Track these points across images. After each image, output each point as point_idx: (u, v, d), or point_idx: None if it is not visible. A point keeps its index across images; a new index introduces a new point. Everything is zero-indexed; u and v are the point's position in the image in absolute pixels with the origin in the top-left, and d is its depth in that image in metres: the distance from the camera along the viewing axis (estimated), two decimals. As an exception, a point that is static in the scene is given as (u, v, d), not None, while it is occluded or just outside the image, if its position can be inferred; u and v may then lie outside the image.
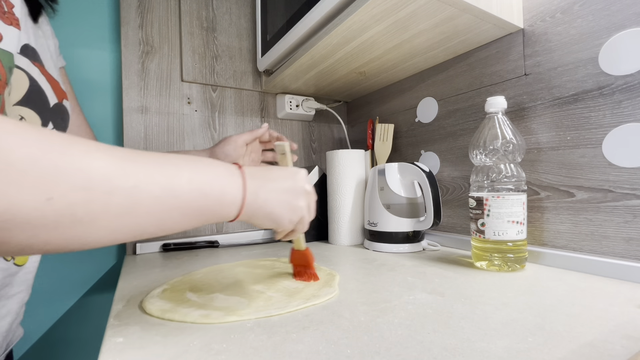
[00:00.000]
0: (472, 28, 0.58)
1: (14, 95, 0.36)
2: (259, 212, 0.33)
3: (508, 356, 0.26)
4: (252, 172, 0.33)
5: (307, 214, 0.38)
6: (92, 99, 0.79)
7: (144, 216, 0.24)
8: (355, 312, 0.36)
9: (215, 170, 0.30)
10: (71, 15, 0.77)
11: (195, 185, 0.27)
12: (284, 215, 0.35)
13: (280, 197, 0.34)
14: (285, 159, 0.46)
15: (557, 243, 0.54)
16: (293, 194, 0.36)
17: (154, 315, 0.36)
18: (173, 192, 0.26)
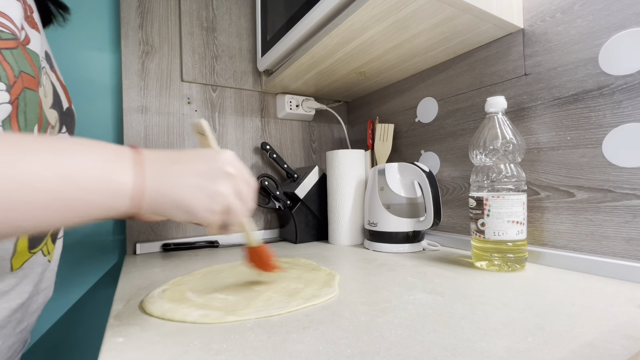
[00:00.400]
0: (472, 28, 0.58)
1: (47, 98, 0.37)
2: (164, 201, 0.28)
3: (508, 356, 0.26)
4: (153, 155, 0.28)
5: (236, 201, 0.32)
6: (92, 99, 0.79)
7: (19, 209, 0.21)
8: (355, 312, 0.36)
9: (97, 154, 0.25)
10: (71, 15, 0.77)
11: (62, 172, 0.23)
12: (199, 204, 0.29)
13: (191, 182, 0.29)
14: (206, 140, 0.38)
15: (557, 243, 0.54)
16: (210, 177, 0.30)
17: (154, 315, 0.36)
18: (26, 180, 0.22)
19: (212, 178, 0.30)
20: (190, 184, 0.29)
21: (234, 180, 0.32)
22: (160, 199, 0.27)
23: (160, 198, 0.27)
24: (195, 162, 0.30)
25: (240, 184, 0.32)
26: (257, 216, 0.91)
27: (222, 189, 0.30)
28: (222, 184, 0.30)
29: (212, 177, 0.30)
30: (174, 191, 0.28)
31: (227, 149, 0.34)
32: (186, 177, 0.29)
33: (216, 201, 0.30)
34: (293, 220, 0.80)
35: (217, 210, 0.31)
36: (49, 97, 0.37)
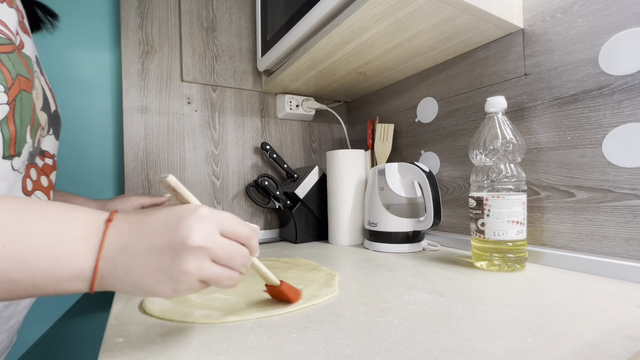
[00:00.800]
0: (472, 28, 0.58)
1: (39, 101, 0.38)
2: (120, 285, 0.24)
3: (508, 356, 0.26)
4: (123, 224, 0.25)
5: (213, 272, 0.26)
6: (92, 99, 0.79)
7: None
8: (355, 312, 0.36)
9: (62, 227, 0.23)
10: (71, 15, 0.77)
11: (13, 250, 0.21)
12: (161, 287, 0.24)
13: (150, 263, 0.24)
14: (179, 195, 0.30)
15: (557, 243, 0.54)
16: (170, 255, 0.24)
17: (154, 315, 0.36)
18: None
19: (173, 257, 0.24)
20: (148, 265, 0.24)
21: (205, 252, 0.25)
22: (118, 283, 0.24)
23: (117, 283, 0.24)
24: (156, 235, 0.24)
25: (216, 250, 0.26)
26: (257, 216, 0.91)
27: (186, 267, 0.24)
28: (186, 263, 0.24)
29: (173, 255, 0.24)
30: (130, 275, 0.24)
31: (200, 207, 0.26)
32: (145, 257, 0.24)
33: (182, 281, 0.24)
34: (293, 220, 0.80)
35: (185, 289, 0.25)
36: (39, 100, 0.38)
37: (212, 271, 0.25)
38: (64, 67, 0.76)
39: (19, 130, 0.34)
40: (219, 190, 0.86)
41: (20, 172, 0.36)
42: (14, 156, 0.34)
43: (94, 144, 0.79)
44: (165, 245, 0.24)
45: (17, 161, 0.35)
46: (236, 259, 0.27)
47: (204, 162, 0.85)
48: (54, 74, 0.75)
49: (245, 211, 0.89)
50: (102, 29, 0.81)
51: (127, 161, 0.76)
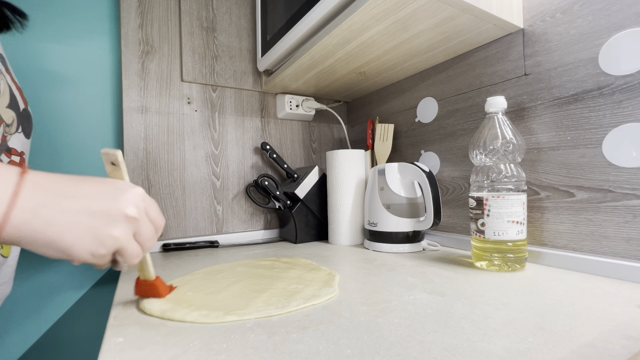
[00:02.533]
0: (472, 28, 0.58)
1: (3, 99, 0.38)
2: (35, 237, 0.24)
3: (508, 356, 0.26)
4: (42, 181, 0.25)
5: (131, 244, 0.28)
6: (92, 99, 0.79)
7: None
8: (355, 312, 0.36)
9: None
10: (71, 15, 0.77)
11: None
12: (81, 246, 0.26)
13: (79, 221, 0.25)
14: (118, 172, 0.32)
15: (557, 243, 0.54)
16: (105, 219, 0.26)
17: (154, 315, 0.36)
18: None
19: (107, 220, 0.26)
20: (77, 222, 0.25)
21: (135, 224, 0.28)
22: (30, 234, 0.24)
23: (30, 233, 0.24)
24: (90, 199, 0.26)
25: (142, 226, 0.29)
26: (257, 216, 0.91)
27: (116, 233, 0.27)
28: (117, 228, 0.27)
29: (109, 219, 0.26)
30: (51, 228, 0.24)
31: (136, 186, 0.29)
32: (75, 214, 0.25)
33: (105, 245, 0.26)
34: (293, 220, 0.80)
35: (103, 254, 0.27)
36: (5, 97, 0.38)
37: (130, 243, 0.28)
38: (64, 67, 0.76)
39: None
40: (219, 190, 0.86)
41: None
42: None
43: (93, 144, 0.79)
44: (104, 209, 0.26)
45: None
46: (150, 241, 0.30)
47: (204, 162, 0.85)
48: (53, 74, 0.75)
49: (245, 211, 0.89)
50: (102, 28, 0.81)
51: (127, 161, 0.76)
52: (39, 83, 0.73)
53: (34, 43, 0.73)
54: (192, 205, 0.83)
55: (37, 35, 0.73)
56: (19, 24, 0.48)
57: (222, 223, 0.86)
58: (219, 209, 0.86)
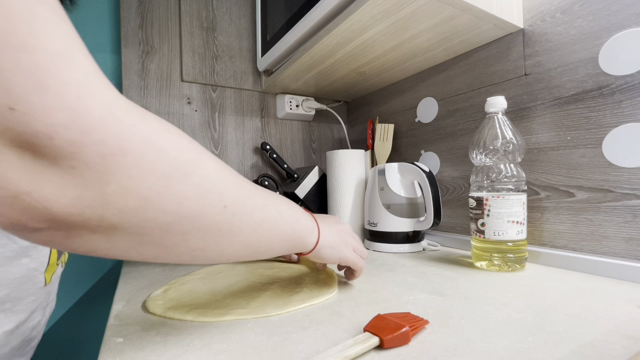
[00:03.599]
0: (472, 28, 0.58)
1: None
2: (327, 242, 0.38)
3: (508, 356, 0.26)
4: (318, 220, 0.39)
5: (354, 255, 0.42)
6: (92, 99, 0.79)
7: (264, 235, 0.29)
8: (356, 312, 0.36)
9: (296, 206, 0.35)
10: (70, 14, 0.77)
11: (293, 212, 0.33)
12: (345, 243, 0.41)
13: (335, 234, 0.40)
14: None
15: (557, 243, 0.54)
16: (342, 233, 0.42)
17: (156, 314, 0.36)
18: (282, 215, 0.31)
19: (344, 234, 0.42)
20: (335, 234, 0.40)
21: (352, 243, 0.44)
22: (326, 240, 0.37)
23: (326, 239, 0.37)
24: (333, 223, 0.42)
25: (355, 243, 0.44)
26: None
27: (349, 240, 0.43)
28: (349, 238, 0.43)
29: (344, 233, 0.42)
30: (330, 237, 0.38)
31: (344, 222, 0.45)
32: (332, 230, 0.40)
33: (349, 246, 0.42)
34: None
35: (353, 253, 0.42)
36: None
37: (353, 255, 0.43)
38: (64, 67, 0.76)
39: None
40: (219, 190, 0.86)
41: None
42: None
43: (94, 144, 0.79)
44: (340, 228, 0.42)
45: None
46: (363, 250, 0.45)
47: (204, 162, 0.85)
48: (54, 74, 0.75)
49: (245, 211, 0.89)
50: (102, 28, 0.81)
51: (127, 161, 0.76)
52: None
53: (34, 43, 0.73)
54: (192, 205, 0.82)
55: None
56: (69, 1, 0.47)
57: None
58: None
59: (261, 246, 0.30)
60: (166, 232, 0.22)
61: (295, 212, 0.34)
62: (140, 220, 0.20)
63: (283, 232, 0.31)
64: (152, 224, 0.21)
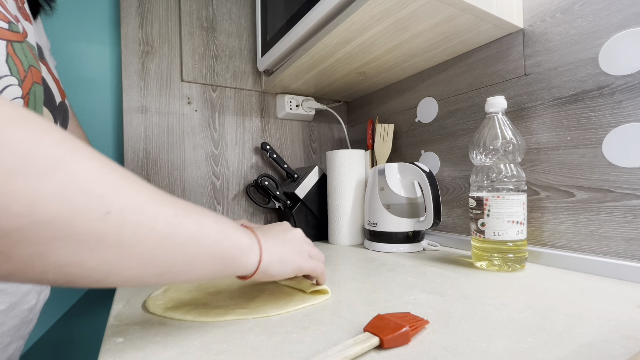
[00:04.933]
0: (472, 28, 0.58)
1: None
2: (274, 257, 0.34)
3: (508, 356, 0.26)
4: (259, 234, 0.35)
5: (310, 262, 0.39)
6: (92, 99, 0.79)
7: (177, 251, 0.25)
8: (355, 312, 0.36)
9: (228, 221, 0.31)
10: (70, 15, 0.77)
11: (222, 226, 0.29)
12: (298, 253, 0.37)
13: (283, 244, 0.37)
14: None
15: (557, 243, 0.54)
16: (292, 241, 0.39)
17: (156, 314, 0.36)
18: (204, 230, 0.27)
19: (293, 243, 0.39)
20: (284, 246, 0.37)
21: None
22: (272, 256, 0.34)
23: (271, 255, 0.34)
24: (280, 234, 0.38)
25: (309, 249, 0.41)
26: (257, 216, 0.91)
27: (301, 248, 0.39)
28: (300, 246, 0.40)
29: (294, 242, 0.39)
30: (277, 250, 0.35)
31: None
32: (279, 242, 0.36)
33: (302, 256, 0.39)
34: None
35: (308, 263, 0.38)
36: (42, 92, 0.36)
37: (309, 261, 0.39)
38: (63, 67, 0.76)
39: None
40: (219, 190, 0.86)
41: None
42: None
43: (93, 144, 0.79)
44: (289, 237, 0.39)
45: None
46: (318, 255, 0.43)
47: (204, 162, 0.85)
48: (54, 74, 0.75)
49: (245, 211, 0.89)
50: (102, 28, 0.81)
51: (127, 161, 0.76)
52: (39, 83, 0.73)
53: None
54: (192, 205, 0.82)
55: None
56: (48, 7, 0.46)
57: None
58: (219, 209, 0.86)
59: (173, 265, 0.25)
60: (14, 240, 0.18)
61: (224, 227, 0.29)
62: None
63: (205, 249, 0.27)
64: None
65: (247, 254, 0.31)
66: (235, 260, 0.30)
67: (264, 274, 0.33)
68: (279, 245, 0.35)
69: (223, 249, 0.28)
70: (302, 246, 0.39)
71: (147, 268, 0.23)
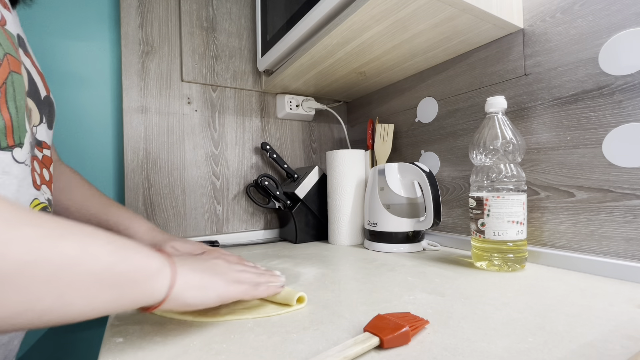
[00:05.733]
0: (472, 28, 0.58)
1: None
2: (191, 282, 0.30)
3: (508, 356, 0.26)
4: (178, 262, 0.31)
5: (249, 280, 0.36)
6: (92, 99, 0.79)
7: (41, 282, 0.20)
8: (355, 312, 0.36)
9: (131, 243, 0.27)
10: (70, 14, 0.77)
11: (117, 247, 0.24)
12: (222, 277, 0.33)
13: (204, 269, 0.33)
14: None
15: (557, 243, 0.54)
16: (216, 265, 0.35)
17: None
18: (88, 253, 0.22)
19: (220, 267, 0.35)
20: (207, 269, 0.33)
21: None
22: (191, 280, 0.30)
23: (190, 279, 0.30)
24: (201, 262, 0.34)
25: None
26: (257, 216, 0.91)
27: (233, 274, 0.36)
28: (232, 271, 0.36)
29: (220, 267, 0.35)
30: (196, 272, 0.31)
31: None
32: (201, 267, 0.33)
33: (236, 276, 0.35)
34: (293, 220, 0.80)
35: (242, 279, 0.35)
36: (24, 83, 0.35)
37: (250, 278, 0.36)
38: (63, 67, 0.76)
39: (14, 117, 0.30)
40: (219, 190, 0.86)
41: (27, 165, 0.33)
42: (13, 147, 0.31)
43: (93, 144, 0.79)
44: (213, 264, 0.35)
45: (20, 153, 0.32)
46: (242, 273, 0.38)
47: (204, 162, 0.85)
48: (52, 74, 0.75)
49: (245, 211, 0.89)
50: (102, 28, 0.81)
51: (127, 161, 0.76)
52: (39, 83, 0.73)
53: (33, 42, 0.73)
54: (192, 205, 0.83)
55: (37, 34, 0.73)
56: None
57: (222, 223, 0.86)
58: (219, 209, 0.86)
59: (39, 300, 0.20)
60: None
61: (122, 249, 0.25)
62: None
63: (89, 276, 0.22)
64: None
65: (155, 277, 0.26)
66: (137, 286, 0.25)
67: (178, 302, 0.28)
68: (198, 270, 0.31)
69: (117, 273, 0.24)
70: (224, 269, 0.34)
71: (13, 305, 0.19)
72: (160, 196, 0.79)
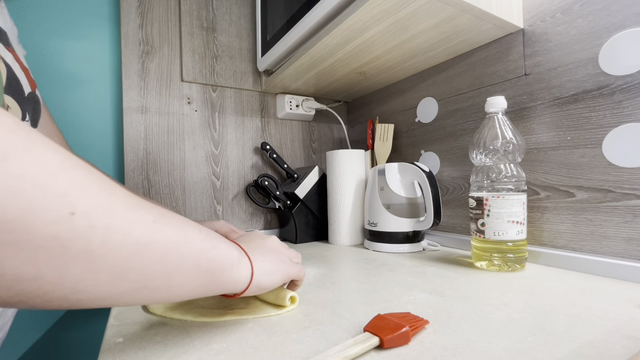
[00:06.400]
0: (472, 28, 0.58)
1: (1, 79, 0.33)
2: (265, 269, 0.32)
3: (508, 356, 0.26)
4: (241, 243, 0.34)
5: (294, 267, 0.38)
6: (92, 99, 0.79)
7: (156, 263, 0.21)
8: (355, 312, 0.36)
9: (211, 231, 0.28)
10: (70, 14, 0.77)
11: (206, 235, 0.26)
12: (281, 259, 0.36)
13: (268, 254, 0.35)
14: None
15: (557, 243, 0.54)
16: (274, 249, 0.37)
17: (156, 314, 0.36)
18: (187, 238, 0.24)
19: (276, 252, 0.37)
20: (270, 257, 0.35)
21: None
22: (262, 268, 0.31)
23: (262, 267, 0.31)
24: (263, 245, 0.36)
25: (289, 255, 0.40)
26: (257, 216, 0.91)
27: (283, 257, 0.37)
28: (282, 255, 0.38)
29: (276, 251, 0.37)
30: (266, 261, 0.33)
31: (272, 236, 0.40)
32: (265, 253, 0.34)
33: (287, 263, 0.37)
34: (293, 220, 0.80)
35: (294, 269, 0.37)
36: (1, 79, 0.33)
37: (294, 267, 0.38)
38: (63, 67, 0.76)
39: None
40: (219, 190, 0.86)
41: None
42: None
43: (93, 144, 0.79)
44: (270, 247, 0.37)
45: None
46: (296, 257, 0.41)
47: (204, 162, 0.85)
48: (52, 74, 0.75)
49: (245, 211, 0.89)
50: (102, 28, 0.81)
51: (127, 161, 0.76)
52: (38, 83, 0.73)
53: (33, 42, 0.73)
54: (192, 205, 0.83)
55: (36, 34, 0.73)
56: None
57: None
58: (219, 209, 0.86)
59: (152, 280, 0.21)
60: None
61: (209, 237, 0.26)
62: None
63: (189, 260, 0.23)
64: None
65: (237, 266, 0.28)
66: (224, 273, 0.27)
67: (255, 289, 0.30)
68: (265, 255, 0.33)
69: (209, 260, 0.25)
70: (282, 252, 0.37)
71: (119, 283, 0.20)
72: (160, 196, 0.79)
